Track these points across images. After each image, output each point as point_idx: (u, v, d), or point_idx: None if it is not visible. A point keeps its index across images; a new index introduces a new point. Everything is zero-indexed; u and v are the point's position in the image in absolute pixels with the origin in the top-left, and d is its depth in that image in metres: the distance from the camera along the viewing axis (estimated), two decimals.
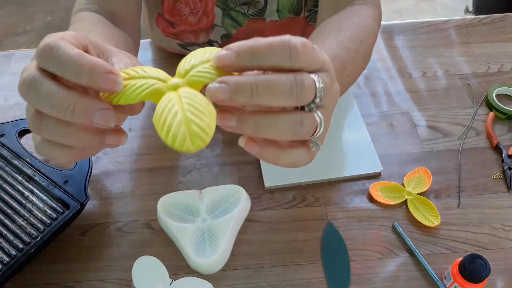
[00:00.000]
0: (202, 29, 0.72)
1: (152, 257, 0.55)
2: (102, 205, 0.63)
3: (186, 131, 0.28)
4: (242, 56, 0.29)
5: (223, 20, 0.71)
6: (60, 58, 0.29)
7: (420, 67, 0.79)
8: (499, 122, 0.71)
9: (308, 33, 0.73)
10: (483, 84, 0.76)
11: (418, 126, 0.70)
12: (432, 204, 0.60)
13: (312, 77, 0.30)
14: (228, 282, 0.55)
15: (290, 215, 0.61)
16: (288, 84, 0.29)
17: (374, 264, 0.56)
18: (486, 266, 0.48)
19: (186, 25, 0.71)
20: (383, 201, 0.61)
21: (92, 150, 0.34)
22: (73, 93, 0.29)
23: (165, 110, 0.29)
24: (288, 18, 0.71)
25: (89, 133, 0.31)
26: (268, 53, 0.29)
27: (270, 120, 0.30)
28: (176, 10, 0.69)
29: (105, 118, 0.29)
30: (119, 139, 0.32)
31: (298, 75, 0.29)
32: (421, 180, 0.63)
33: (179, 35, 0.73)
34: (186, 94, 0.30)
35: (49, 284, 0.55)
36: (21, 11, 2.42)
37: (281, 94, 0.29)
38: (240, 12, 0.70)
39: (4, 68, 0.82)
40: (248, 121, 0.31)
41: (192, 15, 0.70)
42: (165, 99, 0.30)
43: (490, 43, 0.83)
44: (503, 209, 0.60)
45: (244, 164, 0.66)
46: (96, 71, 0.29)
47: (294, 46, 0.29)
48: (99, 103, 0.29)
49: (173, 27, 0.72)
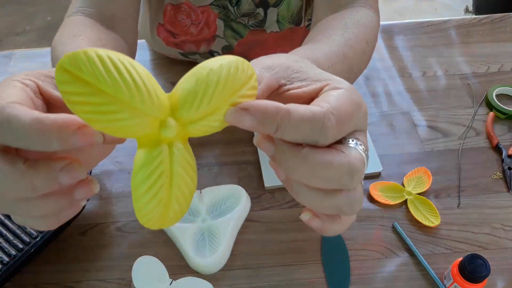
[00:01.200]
0: (203, 40, 0.72)
1: (152, 257, 0.55)
2: (102, 205, 0.63)
3: (162, 216, 0.24)
4: (265, 125, 0.25)
5: (225, 32, 0.71)
6: (17, 133, 0.23)
7: (420, 67, 0.79)
8: (499, 122, 0.71)
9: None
10: (483, 84, 0.76)
11: (418, 126, 0.70)
12: (432, 204, 0.60)
13: (356, 152, 0.26)
14: (228, 282, 0.55)
15: (290, 215, 0.61)
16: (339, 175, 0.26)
17: (374, 264, 0.56)
18: (486, 266, 0.48)
19: (187, 36, 0.71)
20: (383, 201, 0.61)
21: (69, 211, 0.28)
22: (27, 172, 0.24)
23: (150, 177, 0.23)
24: (288, 28, 0.71)
25: (54, 198, 0.26)
26: (297, 130, 0.25)
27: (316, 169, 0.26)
28: (177, 20, 0.69)
29: (71, 174, 0.25)
30: (90, 189, 0.27)
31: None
32: (421, 180, 0.63)
33: (180, 44, 0.73)
34: (179, 159, 0.24)
35: (49, 284, 0.55)
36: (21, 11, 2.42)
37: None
38: (241, 24, 0.70)
39: (4, 68, 0.82)
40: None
41: (194, 26, 0.69)
42: (153, 158, 0.24)
43: (490, 43, 0.83)
44: (503, 209, 0.60)
45: (244, 164, 0.66)
46: (65, 132, 0.23)
47: (327, 126, 0.25)
48: (59, 163, 0.24)
49: (174, 37, 0.72)
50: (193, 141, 0.26)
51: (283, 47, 0.74)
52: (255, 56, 0.32)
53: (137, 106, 0.22)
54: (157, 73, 0.80)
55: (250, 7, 0.67)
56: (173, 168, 0.24)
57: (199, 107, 0.24)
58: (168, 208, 0.24)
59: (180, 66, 0.80)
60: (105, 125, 0.22)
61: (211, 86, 0.24)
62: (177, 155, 0.24)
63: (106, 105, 0.21)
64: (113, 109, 0.21)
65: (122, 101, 0.21)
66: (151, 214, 0.24)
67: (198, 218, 0.58)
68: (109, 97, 0.21)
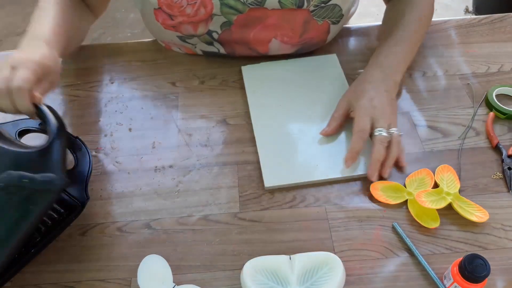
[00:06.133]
0: (200, 21, 0.72)
1: (159, 257, 0.55)
2: (102, 205, 0.63)
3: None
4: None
5: (222, 9, 0.70)
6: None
7: (420, 67, 0.79)
8: (499, 122, 0.71)
9: (311, 27, 0.73)
10: (483, 84, 0.76)
11: (418, 126, 0.70)
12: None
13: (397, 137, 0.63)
14: (228, 282, 0.55)
15: (290, 215, 0.61)
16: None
17: (374, 264, 0.56)
18: (486, 266, 0.48)
19: (184, 17, 0.71)
20: (383, 201, 0.61)
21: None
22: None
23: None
24: (290, 8, 0.70)
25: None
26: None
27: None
28: (173, 2, 0.69)
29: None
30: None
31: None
32: (423, 181, 0.63)
33: (177, 27, 0.73)
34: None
35: (49, 284, 0.55)
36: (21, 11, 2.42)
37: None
38: (239, 1, 0.69)
39: None
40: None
41: (190, 6, 0.69)
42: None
43: (490, 43, 0.83)
44: (503, 209, 0.60)
45: (244, 164, 0.66)
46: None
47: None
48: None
49: (171, 19, 0.72)
50: (193, 141, 0.26)
51: (283, 29, 0.73)
52: (255, 36, 0.35)
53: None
54: (157, 73, 0.80)
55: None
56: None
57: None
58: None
59: (180, 66, 0.80)
60: None
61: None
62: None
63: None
64: None
65: None
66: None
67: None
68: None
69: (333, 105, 0.70)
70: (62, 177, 0.52)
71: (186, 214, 0.61)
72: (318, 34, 0.75)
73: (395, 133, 0.63)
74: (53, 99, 0.76)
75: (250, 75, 0.77)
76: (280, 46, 0.76)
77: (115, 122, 0.73)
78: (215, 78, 0.79)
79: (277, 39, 0.74)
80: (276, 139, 0.68)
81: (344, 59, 0.80)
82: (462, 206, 0.59)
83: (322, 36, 0.77)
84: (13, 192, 0.50)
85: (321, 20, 0.73)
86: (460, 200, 0.60)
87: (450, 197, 0.60)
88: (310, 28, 0.74)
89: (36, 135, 0.65)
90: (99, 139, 0.70)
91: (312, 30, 0.74)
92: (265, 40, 0.75)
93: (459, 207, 0.59)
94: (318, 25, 0.73)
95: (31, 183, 0.50)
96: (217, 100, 0.75)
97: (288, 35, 0.74)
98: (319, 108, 0.72)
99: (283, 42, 0.75)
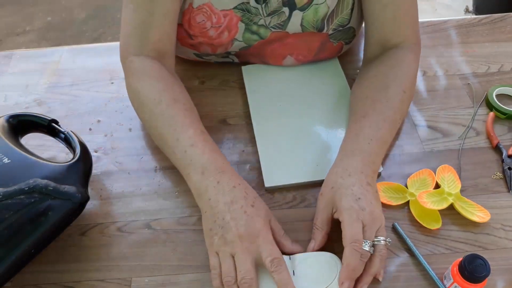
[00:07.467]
0: (220, 44, 0.71)
1: None
2: (102, 205, 0.63)
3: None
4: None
5: (244, 35, 0.70)
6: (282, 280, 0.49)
7: (420, 67, 0.79)
8: (499, 122, 0.71)
9: (327, 48, 0.74)
10: (483, 84, 0.76)
11: (418, 126, 0.70)
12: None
13: (382, 249, 0.52)
14: None
15: (290, 215, 0.61)
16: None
17: None
18: (486, 266, 0.48)
19: (205, 38, 0.70)
20: (385, 201, 0.60)
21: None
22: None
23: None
24: (310, 32, 0.70)
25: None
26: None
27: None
28: (196, 22, 0.68)
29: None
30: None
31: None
32: (425, 182, 0.63)
33: (196, 46, 0.72)
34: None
35: (49, 284, 0.55)
36: (21, 11, 2.42)
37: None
38: (263, 26, 0.69)
39: (4, 68, 0.82)
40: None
41: (214, 29, 0.68)
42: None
43: (490, 43, 0.83)
44: (503, 209, 0.60)
45: (244, 164, 0.66)
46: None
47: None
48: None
49: (191, 39, 0.71)
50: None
51: (300, 49, 0.74)
52: (271, 52, 0.35)
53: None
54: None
55: (278, 5, 0.67)
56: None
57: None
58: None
59: (180, 66, 0.80)
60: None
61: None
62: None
63: None
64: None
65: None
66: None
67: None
68: None
69: (333, 104, 0.70)
70: (83, 191, 0.56)
71: (186, 214, 0.61)
72: (331, 53, 0.76)
73: (381, 244, 0.52)
74: (53, 99, 0.77)
75: (250, 75, 0.77)
76: (294, 62, 0.77)
77: (115, 122, 0.73)
78: (215, 78, 0.79)
79: (292, 56, 0.75)
80: (276, 139, 0.68)
81: (344, 59, 0.80)
82: (464, 206, 0.59)
83: (334, 55, 0.78)
84: (37, 197, 0.52)
85: (336, 42, 0.73)
86: (462, 201, 0.60)
87: (452, 198, 0.60)
88: (326, 49, 0.74)
89: (36, 135, 0.65)
90: (99, 139, 0.70)
91: (327, 51, 0.75)
92: (281, 56, 0.75)
93: (461, 208, 0.59)
94: (333, 46, 0.74)
95: (54, 191, 0.53)
96: (217, 100, 0.75)
97: (303, 54, 0.75)
98: (320, 107, 0.72)
99: (297, 60, 0.76)
